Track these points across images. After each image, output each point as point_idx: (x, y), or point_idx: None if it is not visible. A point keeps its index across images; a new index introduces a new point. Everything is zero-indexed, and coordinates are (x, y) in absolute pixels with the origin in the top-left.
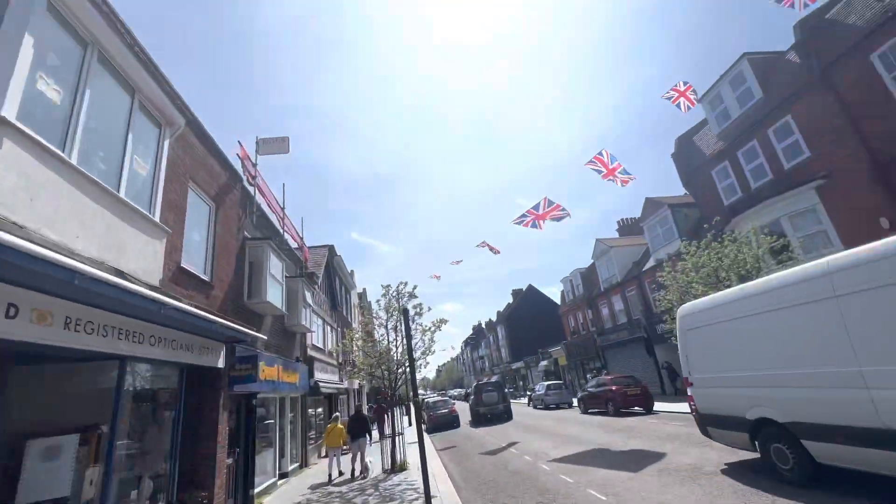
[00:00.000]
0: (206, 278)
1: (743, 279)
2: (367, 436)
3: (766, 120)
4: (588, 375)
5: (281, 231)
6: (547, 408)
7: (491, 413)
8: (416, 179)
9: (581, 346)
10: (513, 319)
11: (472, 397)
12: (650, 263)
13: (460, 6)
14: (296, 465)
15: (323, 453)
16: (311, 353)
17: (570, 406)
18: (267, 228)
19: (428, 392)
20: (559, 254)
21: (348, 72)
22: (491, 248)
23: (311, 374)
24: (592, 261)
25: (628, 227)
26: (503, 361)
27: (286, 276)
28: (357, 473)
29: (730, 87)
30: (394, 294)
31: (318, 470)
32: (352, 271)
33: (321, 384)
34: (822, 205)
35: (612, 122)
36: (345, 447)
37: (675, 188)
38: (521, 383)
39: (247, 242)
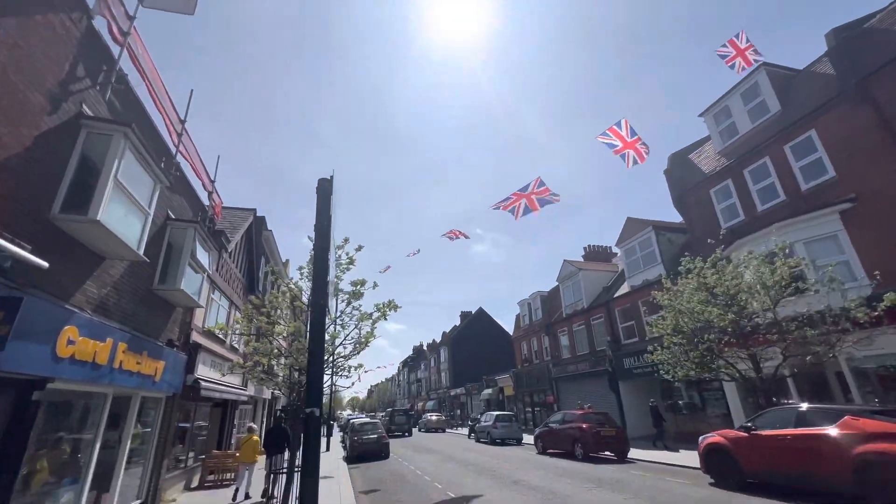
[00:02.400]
0: None
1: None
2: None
3: (783, 135)
4: (535, 408)
5: (173, 148)
6: (493, 442)
7: (399, 430)
8: (380, 198)
9: (532, 376)
10: (458, 342)
11: (387, 419)
12: (623, 290)
13: (451, 19)
14: (135, 503)
15: (195, 484)
16: (197, 338)
17: (519, 443)
18: (140, 125)
19: (356, 413)
20: (509, 287)
21: (321, 79)
22: (460, 234)
23: (190, 369)
24: (557, 283)
25: (594, 254)
26: (442, 386)
27: (170, 218)
28: (241, 498)
29: (741, 100)
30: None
31: None
32: (287, 261)
33: (206, 384)
34: (846, 232)
35: (589, 159)
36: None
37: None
38: (458, 412)
39: (84, 123)
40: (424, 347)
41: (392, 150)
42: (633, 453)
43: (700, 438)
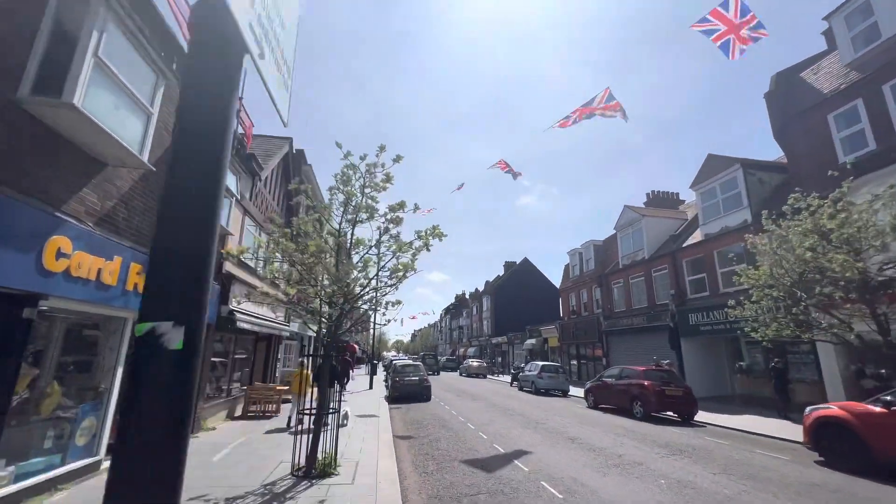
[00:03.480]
0: None
1: None
2: (337, 385)
3: None
4: (581, 361)
5: (186, 46)
6: (537, 392)
7: (429, 370)
8: (420, 143)
9: (580, 329)
10: (501, 291)
11: (420, 361)
12: (694, 238)
13: None
14: None
15: (238, 413)
16: (231, 269)
17: (565, 395)
18: (138, 7)
19: (400, 354)
20: (555, 241)
21: (363, 21)
22: (509, 169)
23: (224, 300)
24: (614, 231)
25: (659, 200)
26: (483, 334)
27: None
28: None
29: None
30: (362, 169)
31: (216, 439)
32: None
33: (242, 316)
34: None
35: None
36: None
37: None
38: (499, 359)
39: None
40: (467, 296)
41: (434, 93)
42: (708, 417)
43: (808, 409)
